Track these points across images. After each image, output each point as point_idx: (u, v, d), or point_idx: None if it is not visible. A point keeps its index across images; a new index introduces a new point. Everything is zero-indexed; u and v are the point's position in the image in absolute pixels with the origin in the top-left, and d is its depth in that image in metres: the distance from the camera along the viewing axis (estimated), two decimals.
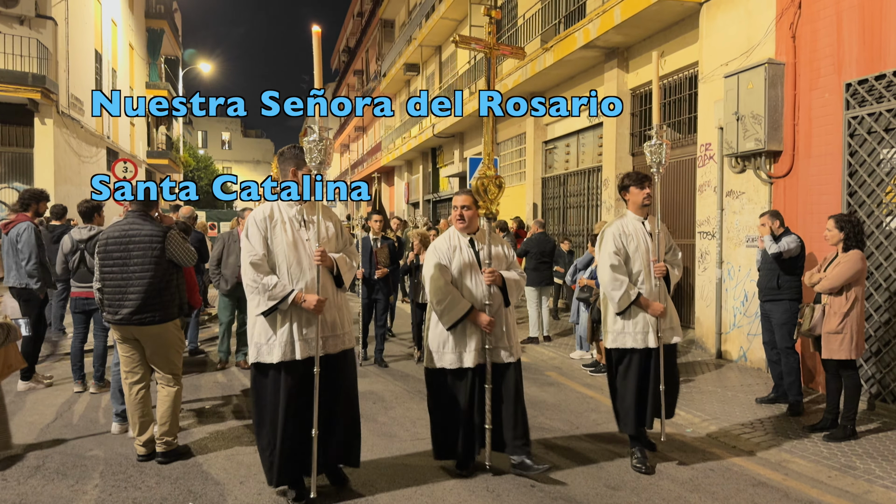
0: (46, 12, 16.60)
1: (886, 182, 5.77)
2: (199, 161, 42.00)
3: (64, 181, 17.16)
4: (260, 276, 3.63)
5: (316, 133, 3.58)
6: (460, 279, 4.11)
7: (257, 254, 3.67)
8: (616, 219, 4.66)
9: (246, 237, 3.72)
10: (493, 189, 4.14)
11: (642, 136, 10.28)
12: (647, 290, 4.44)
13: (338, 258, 3.84)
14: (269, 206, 3.82)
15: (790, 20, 6.82)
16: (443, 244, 4.18)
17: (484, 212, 4.14)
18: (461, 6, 17.86)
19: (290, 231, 3.74)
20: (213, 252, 7.49)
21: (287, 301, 3.63)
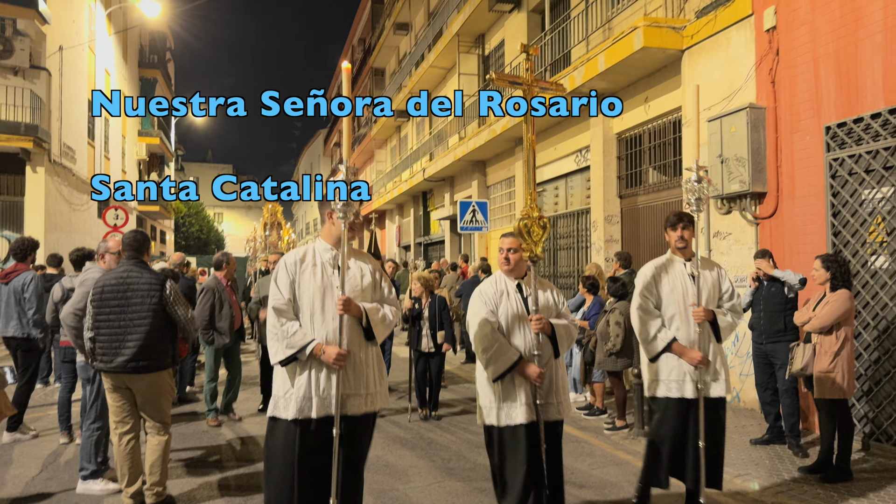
0: (41, 63, 16.84)
1: (869, 222, 5.87)
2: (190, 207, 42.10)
3: (54, 229, 17.15)
4: (280, 322, 3.40)
5: (343, 174, 3.44)
6: (507, 327, 3.75)
7: (282, 299, 3.44)
8: (657, 259, 4.40)
9: (274, 281, 3.50)
10: (538, 230, 3.79)
11: (629, 179, 10.43)
12: (685, 336, 4.09)
13: (368, 308, 3.48)
14: (304, 250, 3.59)
15: (769, 66, 7.02)
16: (489, 289, 3.85)
17: (528, 254, 3.79)
18: (450, 55, 18.26)
19: (321, 276, 3.48)
20: (200, 308, 6.91)
21: (305, 351, 3.35)
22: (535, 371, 3.64)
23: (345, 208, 3.35)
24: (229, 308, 6.99)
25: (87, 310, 4.50)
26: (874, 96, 5.82)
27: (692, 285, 4.11)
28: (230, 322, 6.97)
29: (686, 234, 4.19)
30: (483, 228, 13.52)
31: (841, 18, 6.14)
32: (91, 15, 21.21)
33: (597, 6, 10.56)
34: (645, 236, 10.03)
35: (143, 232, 4.79)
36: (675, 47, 8.42)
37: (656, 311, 4.17)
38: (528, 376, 3.66)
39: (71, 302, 4.91)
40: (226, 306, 6.98)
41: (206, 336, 6.95)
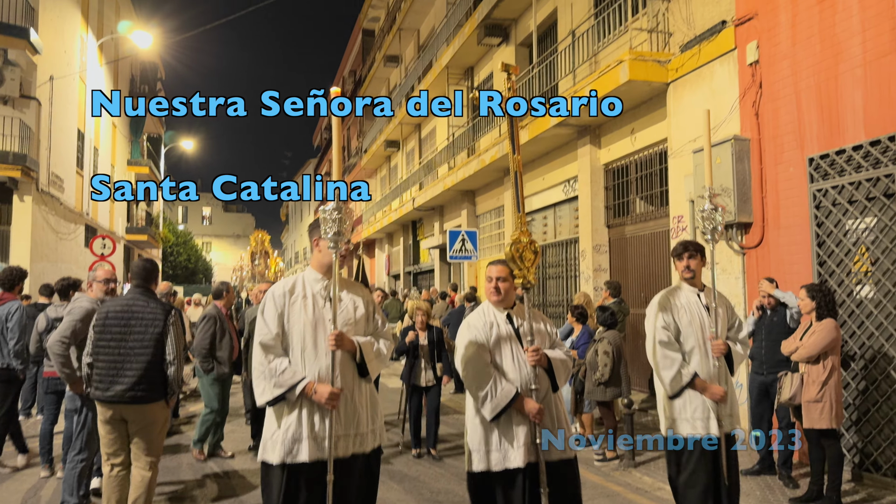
0: (31, 93, 16.87)
1: (853, 252, 5.94)
2: (178, 236, 41.95)
3: (40, 258, 17.01)
4: (268, 359, 3.17)
5: (334, 201, 3.14)
6: (499, 360, 3.48)
7: (269, 333, 3.21)
8: (669, 288, 4.18)
9: (261, 314, 3.27)
10: (530, 255, 3.57)
11: (617, 209, 10.52)
12: (705, 370, 3.87)
13: (363, 343, 3.28)
14: (293, 280, 3.37)
15: (752, 99, 7.15)
16: (477, 320, 3.58)
17: (521, 281, 3.53)
18: (440, 87, 18.47)
19: (312, 308, 3.26)
20: (201, 336, 6.79)
21: (295, 390, 3.12)
22: (535, 407, 3.35)
23: (335, 237, 3.11)
24: (230, 338, 6.87)
25: (88, 335, 4.42)
26: (855, 128, 5.93)
27: (708, 317, 3.93)
28: (230, 352, 6.85)
29: (692, 264, 4.01)
30: (472, 257, 13.55)
31: (821, 53, 6.29)
32: (83, 45, 21.34)
33: (583, 40, 10.76)
34: (633, 266, 10.08)
35: (153, 261, 4.76)
36: (661, 80, 8.56)
37: (677, 345, 3.92)
38: (527, 413, 3.36)
39: (59, 330, 4.85)
40: (227, 336, 6.86)
41: (206, 365, 6.77)
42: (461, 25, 16.05)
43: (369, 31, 30.38)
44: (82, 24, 21.34)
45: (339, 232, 3.12)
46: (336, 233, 3.12)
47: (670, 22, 8.73)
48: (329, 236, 3.13)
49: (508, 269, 3.63)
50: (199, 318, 7.24)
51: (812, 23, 6.41)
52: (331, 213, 3.12)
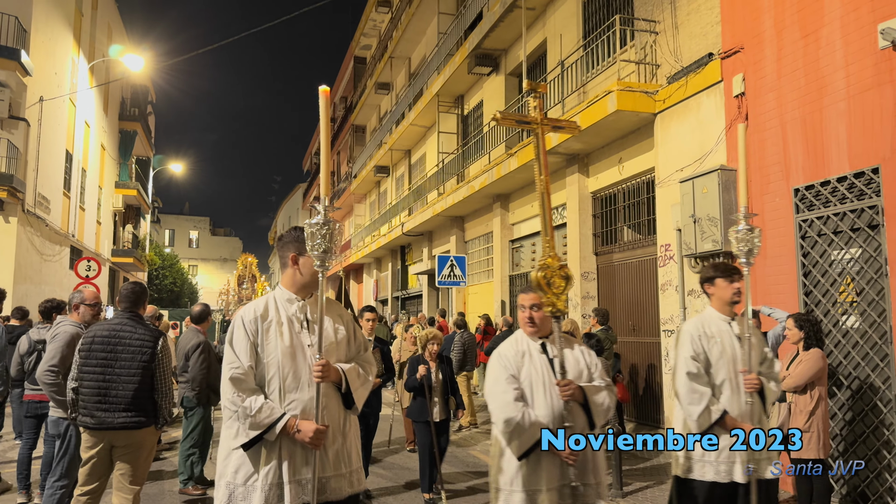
0: (20, 114, 16.83)
1: (839, 282, 5.99)
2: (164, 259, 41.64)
3: (23, 280, 16.82)
4: (240, 397, 2.77)
5: (321, 214, 2.78)
6: (530, 394, 3.19)
7: (241, 366, 2.82)
8: (697, 316, 3.88)
9: (229, 344, 2.89)
10: (559, 282, 3.23)
11: (605, 237, 10.58)
12: (736, 407, 3.54)
13: (347, 370, 2.94)
14: (263, 302, 2.99)
15: None
16: (508, 350, 3.30)
17: (550, 309, 3.18)
18: (430, 114, 18.63)
19: (288, 334, 2.90)
20: (198, 367, 6.43)
21: (275, 430, 2.75)
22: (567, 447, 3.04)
23: (323, 255, 2.74)
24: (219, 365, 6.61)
25: (73, 360, 4.33)
26: (840, 160, 6.03)
27: (741, 348, 3.59)
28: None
29: (742, 288, 3.67)
30: (461, 283, 13.54)
31: (806, 86, 6.41)
32: (74, 67, 21.38)
33: (572, 71, 10.91)
34: (621, 293, 10.11)
35: (141, 284, 4.69)
36: (648, 111, 8.68)
37: (706, 378, 3.60)
38: (558, 453, 3.06)
39: (45, 359, 4.75)
40: (217, 364, 6.42)
41: (201, 398, 6.35)
42: (452, 55, 16.25)
43: (361, 59, 30.69)
44: (74, 46, 21.41)
45: (328, 250, 2.75)
46: (324, 251, 2.74)
47: (658, 54, 8.88)
48: (316, 254, 2.75)
49: (541, 296, 3.29)
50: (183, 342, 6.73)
51: (797, 56, 6.54)
52: (319, 227, 2.74)
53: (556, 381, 3.13)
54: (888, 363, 5.54)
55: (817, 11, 6.30)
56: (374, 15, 26.28)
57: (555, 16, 12.37)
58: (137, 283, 4.63)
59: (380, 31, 27.09)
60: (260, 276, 18.13)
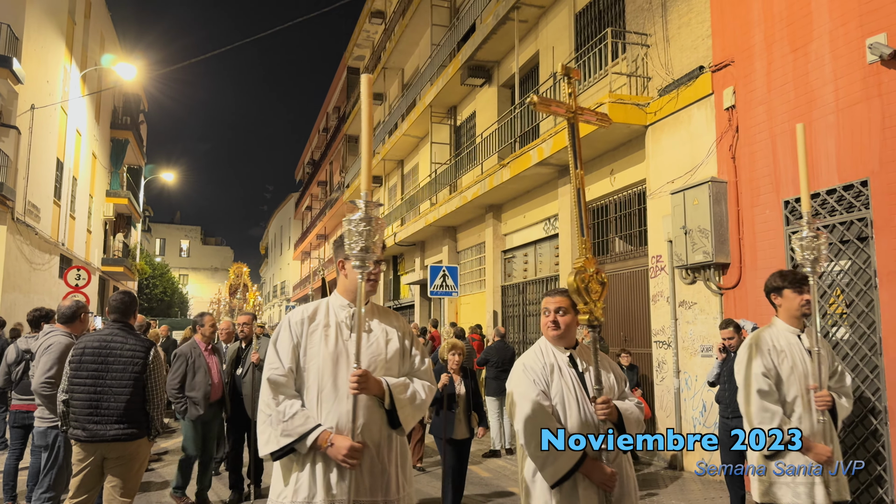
0: (11, 121, 16.75)
1: (829, 293, 6.03)
2: (155, 268, 41.46)
3: (12, 289, 16.68)
4: (276, 400, 2.60)
5: (361, 210, 2.53)
6: (561, 413, 2.86)
7: (280, 368, 2.65)
8: (764, 328, 3.60)
9: (273, 345, 2.73)
10: (596, 287, 2.93)
11: (596, 248, 10.61)
12: (808, 426, 3.30)
13: (393, 385, 2.67)
14: (314, 306, 2.81)
15: (729, 142, 7.32)
16: (534, 362, 2.97)
17: (587, 318, 2.87)
18: (423, 125, 18.68)
19: (334, 340, 2.70)
20: (173, 373, 6.28)
21: (306, 441, 2.53)
22: (606, 472, 2.75)
23: (362, 254, 2.51)
24: (204, 375, 6.25)
25: (63, 371, 4.28)
26: (829, 173, 6.08)
27: (811, 363, 3.35)
28: (205, 390, 6.20)
29: (810, 299, 3.43)
30: (453, 293, 13.53)
31: (796, 100, 6.47)
32: (66, 75, 21.32)
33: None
34: (612, 304, 10.13)
35: (131, 293, 4.64)
36: (639, 123, 8.74)
37: (776, 394, 3.35)
38: (595, 480, 2.76)
39: (40, 371, 4.69)
40: (199, 374, 6.24)
41: (178, 406, 6.23)
42: (445, 66, 16.32)
43: (354, 69, 30.77)
44: (66, 54, 21.36)
45: (367, 248, 2.50)
46: (363, 248, 2.49)
47: (649, 67, 8.96)
48: (354, 252, 2.50)
49: (570, 301, 3.00)
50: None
51: (786, 70, 6.61)
52: (356, 224, 2.50)
53: (591, 399, 2.84)
54: (878, 374, 5.57)
55: (807, 26, 6.38)
56: (367, 26, 26.38)
57: (547, 28, 12.46)
58: (127, 293, 4.59)
59: (373, 42, 27.19)
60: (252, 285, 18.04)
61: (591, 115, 3.30)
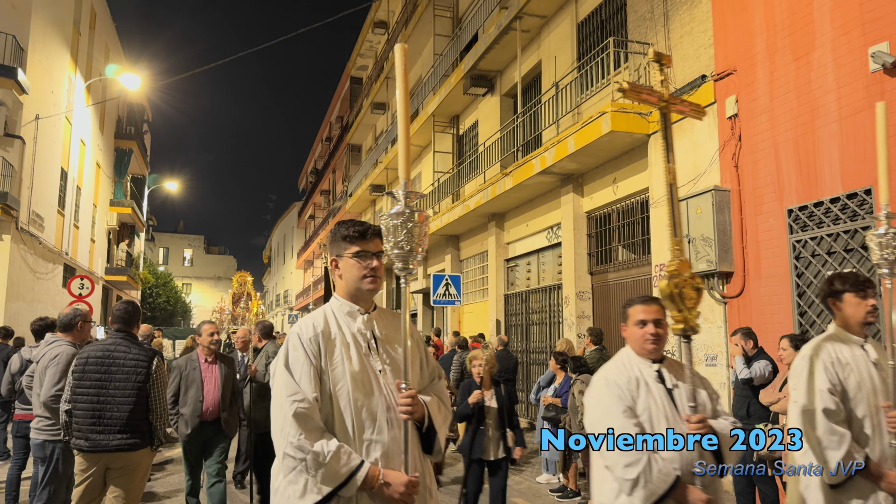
0: (15, 131, 16.83)
1: None
2: (158, 277, 41.51)
3: (16, 298, 16.71)
4: (307, 441, 2.09)
5: (401, 202, 2.13)
6: (650, 431, 2.62)
7: (304, 398, 2.15)
8: (822, 338, 3.11)
9: (285, 367, 2.22)
10: (691, 293, 2.58)
11: (599, 256, 10.60)
12: (877, 450, 2.86)
13: (429, 403, 2.31)
14: (321, 315, 2.35)
15: (732, 151, 7.32)
16: (618, 375, 2.73)
17: (682, 327, 2.55)
18: (426, 134, 18.72)
19: (357, 357, 2.27)
20: (167, 386, 5.39)
21: (355, 482, 2.10)
22: (701, 498, 2.49)
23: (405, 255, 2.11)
24: (196, 391, 5.62)
25: (66, 381, 4.28)
26: (832, 181, 6.08)
27: (879, 378, 2.93)
28: (193, 408, 5.53)
29: (875, 305, 3.05)
30: (456, 302, 13.51)
31: (798, 108, 6.48)
32: (70, 86, 21.44)
33: (566, 92, 11.00)
34: (616, 313, 10.10)
35: (134, 303, 4.66)
36: (642, 131, 8.75)
37: (843, 413, 2.89)
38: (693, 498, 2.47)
39: (49, 383, 4.68)
40: (191, 389, 5.61)
41: (172, 422, 5.64)
42: (447, 76, 16.37)
43: (357, 79, 30.90)
44: (71, 65, 21.49)
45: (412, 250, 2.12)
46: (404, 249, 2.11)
47: (651, 76, 8.97)
48: (397, 252, 2.13)
49: (663, 310, 2.76)
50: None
51: (789, 79, 6.62)
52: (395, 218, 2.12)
53: (686, 418, 2.56)
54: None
55: (809, 35, 6.39)
56: (370, 36, 26.51)
57: (549, 38, 12.50)
58: (130, 303, 4.60)
59: (376, 51, 27.30)
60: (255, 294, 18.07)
61: (685, 105, 2.98)
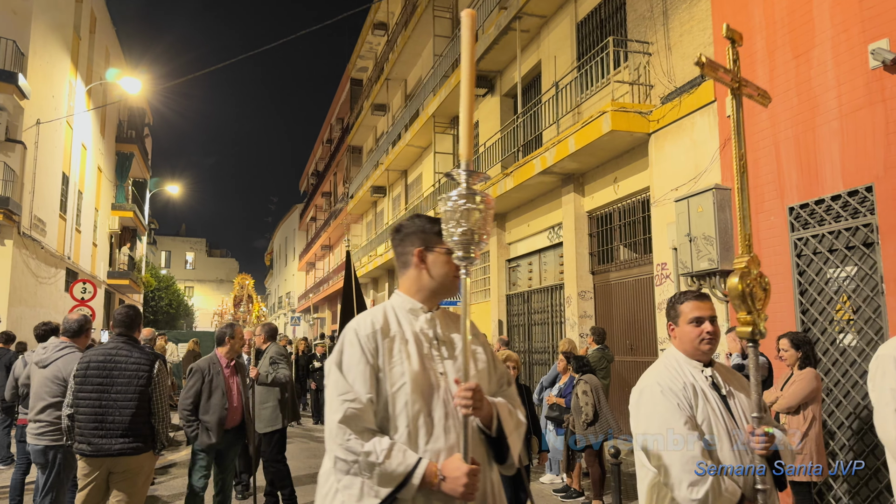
0: (17, 136, 16.86)
1: (835, 300, 6.00)
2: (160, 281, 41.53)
3: (18, 303, 16.74)
4: (358, 442, 1.92)
5: (462, 186, 1.98)
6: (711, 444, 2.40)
7: (357, 398, 1.98)
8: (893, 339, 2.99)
9: (338, 366, 2.03)
10: (760, 293, 2.37)
11: (601, 256, 10.60)
12: None
13: (498, 404, 2.11)
14: (381, 313, 2.14)
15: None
16: (672, 381, 2.47)
17: (750, 330, 2.30)
18: (426, 135, 18.74)
19: (418, 358, 2.07)
20: (187, 390, 5.44)
21: (413, 481, 1.89)
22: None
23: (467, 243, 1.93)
24: (221, 397, 5.38)
25: (69, 386, 4.28)
26: (833, 179, 6.07)
27: None
28: (220, 416, 5.30)
29: None
30: (458, 303, 13.50)
31: (799, 106, 6.47)
32: (71, 90, 21.47)
33: (567, 92, 11.00)
34: (618, 312, 10.10)
35: (135, 307, 4.66)
36: (642, 131, 8.74)
37: None
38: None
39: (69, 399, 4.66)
40: (216, 395, 5.36)
41: (188, 430, 5.34)
42: (447, 76, 16.38)
43: (357, 81, 30.92)
44: (71, 69, 21.52)
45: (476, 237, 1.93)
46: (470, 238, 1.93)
47: (651, 75, 8.97)
48: (457, 240, 1.95)
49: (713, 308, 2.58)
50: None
51: (789, 77, 6.61)
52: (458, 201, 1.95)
53: (749, 428, 2.32)
54: None
55: (808, 32, 6.38)
56: (370, 38, 26.53)
57: (549, 38, 12.50)
58: (131, 307, 4.60)
59: (376, 53, 27.32)
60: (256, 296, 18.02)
61: (754, 89, 2.81)
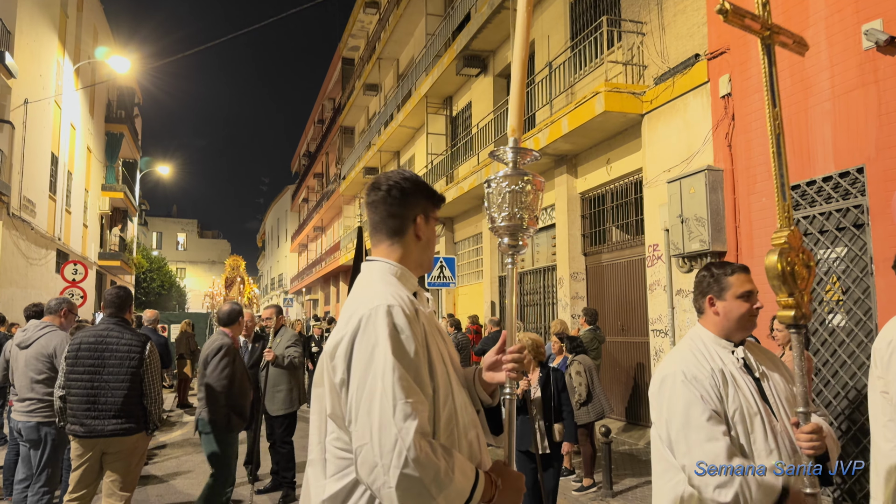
0: (4, 116, 16.65)
1: (825, 281, 6.04)
2: (151, 262, 41.37)
3: (9, 284, 16.65)
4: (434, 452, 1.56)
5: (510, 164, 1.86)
6: (747, 438, 2.12)
7: (422, 401, 1.62)
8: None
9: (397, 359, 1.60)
10: (803, 272, 2.12)
11: (593, 237, 10.61)
12: None
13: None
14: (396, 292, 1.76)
15: (725, 130, 7.31)
16: (698, 369, 2.21)
17: (792, 314, 2.07)
18: (419, 115, 18.62)
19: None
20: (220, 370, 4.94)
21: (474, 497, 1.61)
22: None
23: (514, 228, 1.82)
24: (246, 379, 5.23)
25: (60, 367, 4.28)
26: (825, 160, 6.08)
27: None
28: (249, 399, 5.21)
29: None
30: (451, 284, 13.53)
31: (792, 87, 6.46)
32: (59, 69, 21.19)
33: (560, 72, 10.94)
34: (610, 293, 10.14)
35: (126, 288, 4.64)
36: (635, 111, 8.72)
37: None
38: None
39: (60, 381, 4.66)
40: (243, 377, 5.15)
41: (218, 416, 4.87)
42: (440, 56, 16.25)
43: (349, 60, 30.63)
44: (59, 48, 21.22)
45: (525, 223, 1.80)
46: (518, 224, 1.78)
47: (645, 55, 8.92)
48: (501, 225, 1.83)
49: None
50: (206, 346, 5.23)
51: (782, 57, 6.58)
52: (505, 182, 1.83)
53: (792, 421, 2.10)
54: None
55: (802, 13, 6.35)
56: (361, 16, 26.24)
57: (542, 17, 12.40)
58: (122, 288, 4.58)
59: (367, 32, 27.05)
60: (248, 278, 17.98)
61: (789, 36, 2.45)
